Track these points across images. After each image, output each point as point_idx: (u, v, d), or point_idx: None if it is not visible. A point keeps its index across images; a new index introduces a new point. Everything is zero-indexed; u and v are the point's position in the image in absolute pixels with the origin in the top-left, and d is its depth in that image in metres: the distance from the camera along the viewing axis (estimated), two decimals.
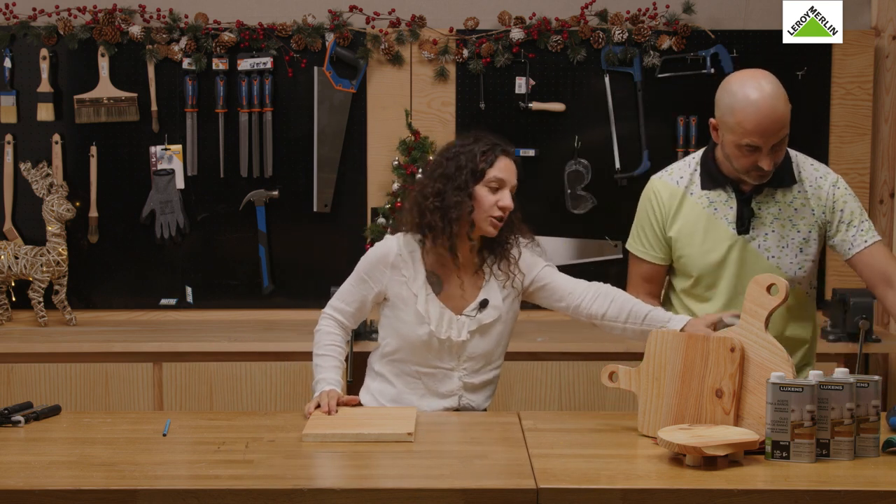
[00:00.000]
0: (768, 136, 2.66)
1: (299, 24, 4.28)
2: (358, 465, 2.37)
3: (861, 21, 4.36)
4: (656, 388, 2.57)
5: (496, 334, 2.85)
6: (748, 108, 2.65)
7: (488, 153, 2.78)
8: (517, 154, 4.24)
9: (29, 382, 3.87)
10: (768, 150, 2.68)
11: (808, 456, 2.31)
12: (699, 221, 2.83)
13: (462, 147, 2.81)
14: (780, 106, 2.66)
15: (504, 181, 2.78)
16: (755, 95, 2.65)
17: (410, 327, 2.81)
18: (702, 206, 2.84)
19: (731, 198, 2.82)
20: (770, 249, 2.80)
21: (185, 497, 2.18)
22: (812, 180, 2.83)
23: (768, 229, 2.80)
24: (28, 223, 4.28)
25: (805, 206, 2.81)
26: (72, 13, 4.25)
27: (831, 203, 2.82)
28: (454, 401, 2.85)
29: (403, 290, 2.82)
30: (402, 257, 2.82)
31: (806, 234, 2.81)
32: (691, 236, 2.84)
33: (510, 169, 2.80)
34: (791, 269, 2.80)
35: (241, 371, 3.89)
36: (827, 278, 4.36)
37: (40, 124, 4.28)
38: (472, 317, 2.82)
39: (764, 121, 2.64)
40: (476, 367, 2.85)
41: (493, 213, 2.76)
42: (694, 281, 2.86)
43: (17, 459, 2.41)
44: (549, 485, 2.20)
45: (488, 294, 2.84)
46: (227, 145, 4.31)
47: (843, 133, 4.34)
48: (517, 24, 4.29)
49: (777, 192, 2.82)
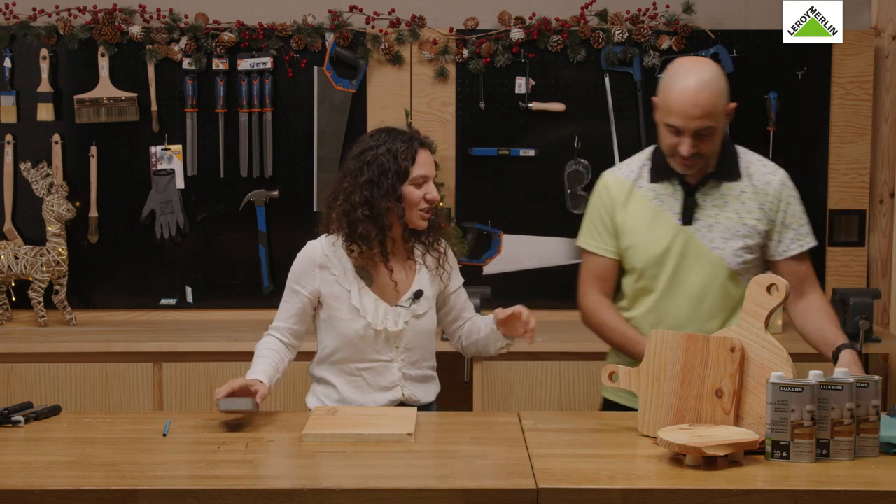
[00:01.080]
0: (687, 119, 2.71)
1: (299, 24, 4.28)
2: (358, 465, 2.37)
3: (861, 21, 4.36)
4: (656, 388, 2.57)
5: (430, 324, 2.90)
6: (674, 88, 2.73)
7: (408, 150, 2.80)
8: (516, 154, 4.32)
9: (29, 382, 3.87)
10: (689, 136, 2.73)
11: (808, 456, 2.32)
12: (646, 213, 2.88)
13: (379, 147, 2.81)
14: (706, 94, 2.71)
15: (427, 175, 2.82)
16: (685, 78, 2.73)
17: (347, 323, 2.83)
18: (649, 198, 2.88)
19: (677, 190, 2.86)
20: (714, 241, 2.83)
21: (185, 497, 2.18)
22: (760, 175, 2.87)
23: (713, 221, 2.83)
24: (28, 223, 4.28)
25: (752, 201, 2.84)
26: (72, 13, 4.25)
27: (777, 201, 2.85)
28: (397, 392, 2.86)
29: (335, 288, 2.84)
30: (328, 257, 2.84)
31: (751, 228, 2.83)
32: (637, 227, 2.88)
33: (430, 160, 2.85)
34: (733, 261, 2.83)
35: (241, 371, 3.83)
36: (827, 278, 4.36)
37: (40, 124, 4.28)
38: (406, 307, 2.85)
39: (685, 102, 2.70)
40: (413, 359, 2.88)
41: (422, 206, 2.82)
42: (639, 274, 2.90)
43: (17, 459, 2.41)
44: (549, 485, 2.20)
45: (421, 284, 2.88)
46: (227, 145, 4.31)
47: (843, 133, 4.34)
48: (517, 24, 4.29)
49: (722, 186, 2.85)
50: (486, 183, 4.35)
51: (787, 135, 4.33)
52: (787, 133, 4.33)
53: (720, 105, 2.73)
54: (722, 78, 2.76)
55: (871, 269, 4.41)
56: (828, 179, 4.35)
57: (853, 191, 4.36)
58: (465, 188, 4.35)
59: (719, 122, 2.74)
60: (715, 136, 2.76)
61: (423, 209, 2.83)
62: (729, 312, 2.86)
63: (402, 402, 2.87)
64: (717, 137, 2.77)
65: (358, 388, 2.87)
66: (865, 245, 4.39)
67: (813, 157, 4.35)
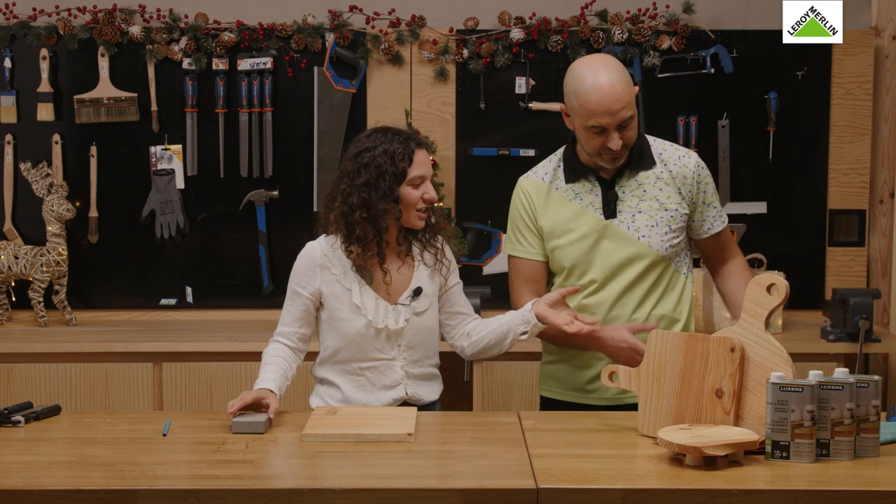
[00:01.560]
0: (611, 114, 2.73)
1: (299, 24, 4.28)
2: (358, 465, 2.37)
3: (861, 21, 4.36)
4: (656, 388, 2.57)
5: (431, 322, 2.90)
6: (589, 90, 2.74)
7: (405, 151, 2.81)
8: (516, 154, 4.32)
9: (29, 382, 3.87)
10: (614, 130, 2.75)
11: (808, 456, 2.31)
12: (567, 213, 2.90)
13: (376, 148, 2.81)
14: (620, 86, 2.74)
15: (424, 176, 2.83)
16: (593, 77, 2.74)
17: (348, 322, 2.83)
18: (568, 198, 2.91)
19: (594, 186, 2.89)
20: (640, 230, 2.85)
21: (185, 497, 2.18)
22: (675, 160, 2.90)
23: (635, 211, 2.86)
24: (28, 223, 4.29)
25: (670, 186, 2.87)
26: (72, 13, 4.25)
27: (696, 183, 2.89)
28: (400, 391, 2.86)
29: (336, 288, 2.84)
30: (328, 257, 2.85)
31: (674, 213, 2.87)
32: (561, 228, 2.91)
33: (427, 160, 2.86)
34: (661, 246, 2.86)
35: (241, 371, 3.89)
36: (827, 278, 4.36)
37: (40, 124, 4.28)
38: (406, 305, 2.85)
39: (605, 100, 2.72)
40: (415, 357, 2.89)
41: (419, 206, 2.83)
42: (567, 273, 2.93)
43: (17, 459, 2.41)
44: (549, 485, 2.20)
45: (420, 281, 2.89)
46: (227, 145, 4.32)
47: (843, 133, 4.34)
48: (517, 24, 4.29)
49: (639, 175, 2.88)
50: (486, 183, 4.35)
51: (787, 135, 4.33)
52: (787, 133, 4.33)
53: (632, 91, 2.77)
54: (622, 65, 2.81)
55: (871, 269, 4.41)
56: (828, 179, 4.35)
57: (853, 191, 4.36)
58: (465, 188, 4.35)
59: (634, 108, 2.78)
60: (633, 124, 2.80)
61: (421, 209, 2.83)
62: (659, 296, 2.90)
63: (405, 400, 2.87)
64: (635, 124, 2.81)
65: (361, 387, 2.86)
66: (865, 245, 4.39)
67: (813, 157, 4.35)
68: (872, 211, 4.39)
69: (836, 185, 4.35)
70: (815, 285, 4.37)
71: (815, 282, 4.37)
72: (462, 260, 4.28)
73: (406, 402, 2.88)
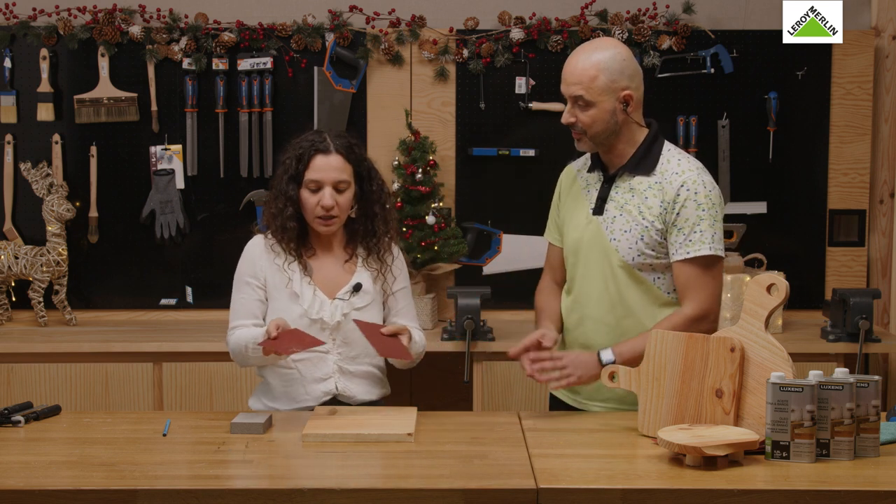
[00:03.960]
0: (566, 83, 2.78)
1: (299, 24, 4.28)
2: (358, 465, 2.37)
3: (861, 21, 4.36)
4: (656, 388, 2.57)
5: (372, 320, 2.89)
6: (568, 58, 2.81)
7: (304, 154, 2.85)
8: (516, 154, 4.31)
9: (29, 382, 3.87)
10: (572, 104, 2.78)
11: (808, 456, 2.32)
12: (575, 201, 2.93)
13: (291, 146, 2.89)
14: (584, 65, 2.75)
15: (320, 181, 2.83)
16: (578, 49, 2.81)
17: (284, 312, 2.85)
18: (581, 186, 2.94)
19: (599, 180, 2.90)
20: (613, 232, 2.83)
21: (185, 497, 2.18)
22: (668, 174, 2.79)
23: (616, 213, 2.84)
24: (28, 223, 4.28)
25: (655, 197, 2.80)
26: (72, 13, 4.25)
27: (672, 203, 2.77)
28: (330, 384, 2.86)
29: (278, 276, 2.89)
30: (272, 247, 2.91)
31: (648, 224, 2.78)
32: (567, 215, 2.95)
33: (327, 166, 2.84)
34: (629, 254, 2.80)
35: (241, 371, 3.89)
36: (827, 278, 4.36)
37: (40, 124, 4.27)
38: (345, 300, 2.86)
39: (567, 67, 2.78)
40: (352, 354, 2.89)
41: (317, 213, 2.84)
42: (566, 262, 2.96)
43: (17, 459, 2.41)
44: (549, 485, 2.20)
45: (361, 278, 2.90)
46: (227, 145, 4.31)
47: (843, 133, 4.34)
48: (517, 24, 4.29)
49: (635, 179, 2.83)
50: (486, 183, 4.35)
51: (787, 135, 4.33)
52: (787, 133, 4.33)
53: (600, 80, 2.73)
54: (618, 60, 2.75)
55: (871, 269, 4.41)
56: (828, 179, 4.35)
57: (853, 191, 4.36)
58: (465, 188, 4.35)
59: (596, 97, 2.74)
60: (591, 111, 2.76)
61: (320, 215, 2.84)
62: (627, 308, 2.82)
63: (335, 395, 2.88)
64: (597, 115, 2.76)
65: (292, 381, 2.88)
66: (865, 245, 4.39)
67: (813, 157, 4.35)
68: (872, 211, 4.39)
69: (836, 185, 4.35)
70: (815, 285, 4.37)
71: (815, 282, 4.37)
72: (462, 260, 4.28)
73: (336, 397, 2.88)
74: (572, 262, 2.92)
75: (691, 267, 2.74)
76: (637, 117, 2.81)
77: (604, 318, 2.84)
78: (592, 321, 2.86)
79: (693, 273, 2.74)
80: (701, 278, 2.73)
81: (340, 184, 2.85)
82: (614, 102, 2.75)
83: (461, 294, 3.92)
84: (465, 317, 3.82)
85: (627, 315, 2.82)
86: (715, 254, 2.73)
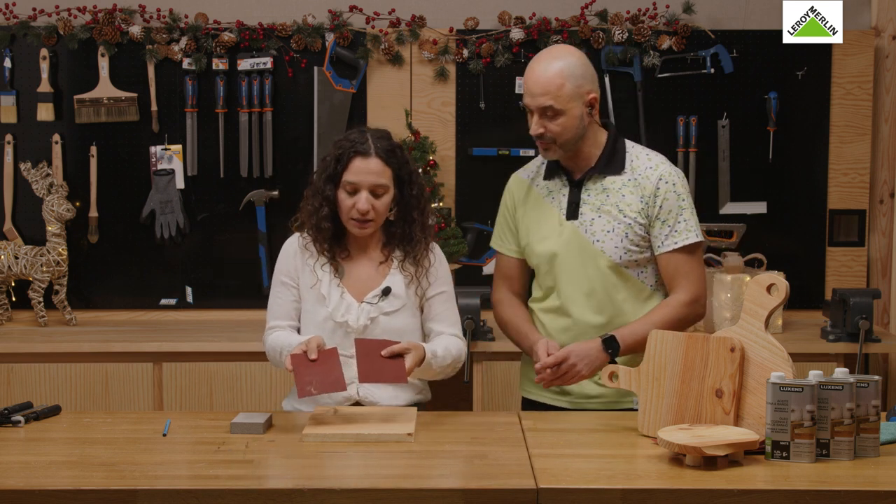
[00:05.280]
0: (531, 97, 2.79)
1: (299, 24, 4.28)
2: (358, 465, 2.37)
3: (861, 21, 4.36)
4: (656, 388, 2.57)
5: (402, 324, 2.85)
6: (526, 72, 2.82)
7: (343, 155, 2.82)
8: (516, 154, 4.31)
9: (29, 382, 3.87)
10: (537, 115, 2.79)
11: (808, 456, 2.32)
12: (538, 210, 2.93)
13: (333, 146, 2.87)
14: (548, 75, 2.77)
15: (357, 184, 2.80)
16: (538, 60, 2.83)
17: (312, 313, 2.86)
18: (542, 195, 2.94)
19: (564, 185, 2.91)
20: (595, 234, 2.85)
21: (185, 497, 2.18)
22: (642, 170, 2.86)
23: (594, 215, 2.86)
24: (28, 223, 4.28)
25: (633, 194, 2.84)
26: (72, 13, 4.24)
27: (653, 196, 2.83)
28: (352, 390, 2.81)
29: (310, 277, 2.87)
30: (307, 247, 2.89)
31: (631, 221, 2.83)
32: (531, 225, 2.94)
33: (366, 170, 2.81)
34: (616, 253, 2.84)
35: (241, 371, 3.89)
36: (827, 278, 4.36)
37: (40, 124, 4.27)
38: (373, 304, 2.83)
39: (529, 81, 2.79)
40: None
41: (352, 215, 2.81)
42: (537, 271, 2.97)
43: (17, 459, 2.41)
44: (549, 485, 2.20)
45: (393, 282, 2.86)
46: (227, 145, 4.31)
47: (843, 133, 4.34)
48: (517, 24, 4.29)
49: (605, 180, 2.87)
50: (486, 183, 4.34)
51: (787, 135, 4.32)
52: (787, 133, 4.32)
53: (567, 88, 2.76)
54: (579, 65, 2.79)
55: (871, 269, 4.41)
56: (828, 179, 4.35)
57: (853, 191, 4.36)
58: (465, 188, 4.35)
59: (565, 105, 2.77)
60: (561, 120, 2.78)
61: (355, 217, 2.81)
62: (617, 307, 2.87)
63: (357, 401, 2.84)
64: (567, 122, 2.79)
65: None
66: (865, 245, 4.39)
67: (813, 157, 4.35)
68: (872, 211, 4.39)
69: (836, 185, 4.35)
70: (815, 285, 4.36)
71: (815, 282, 4.37)
72: (462, 260, 4.28)
73: (359, 402, 2.85)
74: (546, 270, 2.92)
75: (679, 255, 2.84)
76: (597, 118, 2.87)
77: (592, 320, 2.87)
78: (580, 325, 2.88)
79: (681, 260, 2.85)
80: (689, 264, 2.85)
81: (378, 188, 2.81)
82: (582, 107, 2.80)
83: (461, 294, 3.90)
84: (465, 317, 3.82)
85: (617, 314, 2.87)
86: (700, 240, 2.87)
